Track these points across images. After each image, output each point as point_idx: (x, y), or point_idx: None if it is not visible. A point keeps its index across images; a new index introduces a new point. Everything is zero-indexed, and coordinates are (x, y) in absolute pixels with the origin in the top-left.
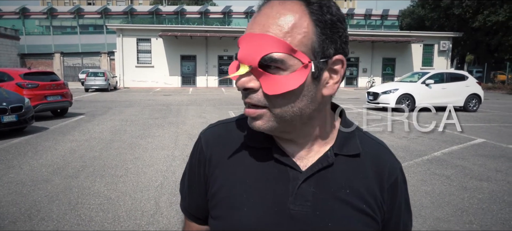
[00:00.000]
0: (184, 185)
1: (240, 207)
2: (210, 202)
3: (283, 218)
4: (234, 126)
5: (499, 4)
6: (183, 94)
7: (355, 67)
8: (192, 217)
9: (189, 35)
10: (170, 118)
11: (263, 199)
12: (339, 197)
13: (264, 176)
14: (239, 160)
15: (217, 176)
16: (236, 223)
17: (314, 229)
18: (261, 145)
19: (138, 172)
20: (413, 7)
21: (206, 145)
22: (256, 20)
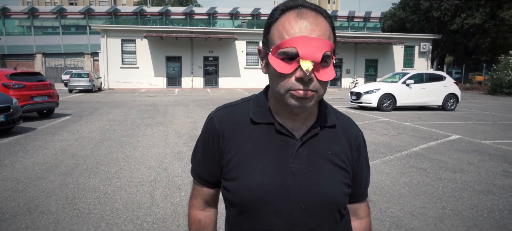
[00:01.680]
0: (197, 157)
1: (253, 169)
2: (225, 168)
3: (286, 174)
4: (239, 108)
5: (475, 8)
6: (169, 95)
7: (339, 68)
8: (203, 182)
9: (174, 36)
10: (158, 118)
11: (270, 161)
12: (324, 157)
13: (269, 144)
14: (248, 133)
15: (230, 148)
16: (252, 181)
17: (308, 180)
18: (265, 121)
19: (131, 168)
20: (395, 10)
21: (218, 124)
22: (307, 26)
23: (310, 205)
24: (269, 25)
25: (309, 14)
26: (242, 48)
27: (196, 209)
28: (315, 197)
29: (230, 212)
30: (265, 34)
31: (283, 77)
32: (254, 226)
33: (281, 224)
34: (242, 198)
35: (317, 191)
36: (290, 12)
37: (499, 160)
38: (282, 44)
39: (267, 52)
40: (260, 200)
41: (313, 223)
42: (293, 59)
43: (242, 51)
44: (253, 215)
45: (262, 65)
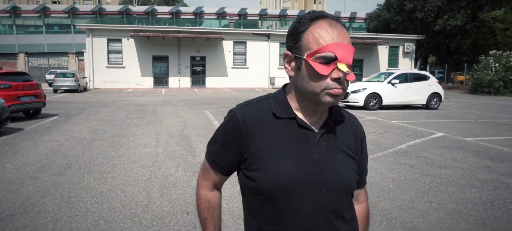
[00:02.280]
0: (215, 146)
1: (279, 159)
2: (249, 160)
3: (309, 163)
4: (260, 105)
5: (457, 10)
6: (156, 95)
7: None
8: (218, 168)
9: (161, 36)
10: (147, 118)
11: (294, 152)
12: (338, 147)
13: (292, 137)
14: (272, 127)
15: (255, 141)
16: (279, 170)
17: (328, 168)
18: (287, 116)
19: (125, 168)
20: (379, 11)
21: (242, 120)
22: (338, 34)
23: (330, 189)
24: (300, 33)
25: (337, 24)
26: (229, 48)
27: (206, 190)
28: (334, 183)
29: (253, 201)
30: (296, 40)
31: (320, 78)
32: (281, 210)
33: (306, 207)
34: (269, 185)
35: (335, 177)
36: (320, 21)
37: (481, 156)
38: (320, 49)
39: (299, 56)
40: (287, 187)
41: (333, 205)
42: (330, 62)
43: (229, 51)
44: (279, 200)
45: (288, 67)
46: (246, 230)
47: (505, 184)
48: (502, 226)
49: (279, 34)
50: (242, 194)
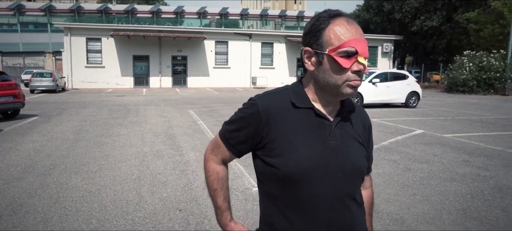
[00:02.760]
0: (231, 128)
1: (298, 146)
2: (268, 146)
3: (326, 149)
4: (279, 95)
5: (433, 11)
6: (138, 95)
7: None
8: (230, 147)
9: (142, 35)
10: (130, 118)
11: (312, 139)
12: (351, 135)
13: (310, 125)
14: (291, 116)
15: (275, 129)
16: (298, 156)
17: (343, 154)
18: (305, 106)
19: (112, 167)
20: (359, 11)
21: (263, 108)
22: (356, 31)
23: (345, 174)
24: (320, 30)
25: (353, 22)
26: (211, 48)
27: (214, 163)
28: (348, 168)
29: (272, 186)
30: (317, 37)
31: (342, 71)
32: (300, 194)
33: (324, 190)
34: (290, 171)
35: (350, 163)
36: (339, 19)
37: (459, 151)
38: (342, 45)
39: (320, 52)
40: (306, 172)
41: (348, 188)
42: (351, 56)
43: (211, 50)
44: (298, 184)
45: (308, 63)
46: (263, 214)
47: (482, 177)
48: (482, 216)
49: (260, 34)
50: (258, 180)
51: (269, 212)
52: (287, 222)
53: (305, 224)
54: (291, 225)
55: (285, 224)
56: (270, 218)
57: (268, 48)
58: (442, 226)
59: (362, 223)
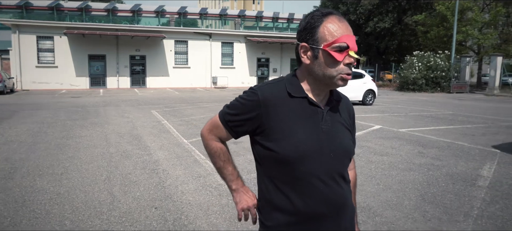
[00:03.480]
0: (233, 112)
1: (296, 130)
2: (266, 132)
3: (319, 133)
4: (276, 86)
5: (385, 13)
6: (95, 96)
7: (266, 67)
8: (230, 129)
9: (97, 34)
10: (90, 119)
11: (307, 125)
12: (339, 121)
13: (305, 112)
14: (288, 104)
15: (274, 116)
16: (296, 140)
17: (334, 137)
18: (300, 95)
19: (79, 169)
20: None
21: (263, 98)
22: (346, 27)
23: (336, 154)
24: (315, 27)
25: (343, 19)
26: (170, 47)
27: (215, 141)
28: (339, 149)
29: (272, 167)
30: (312, 34)
31: (336, 63)
32: (297, 173)
33: (318, 169)
34: (288, 153)
35: (340, 145)
36: (331, 17)
37: (414, 144)
38: (335, 40)
39: (316, 47)
40: (303, 153)
41: (338, 167)
42: (343, 50)
43: (170, 50)
44: (296, 165)
45: (304, 57)
46: (262, 193)
47: (436, 166)
48: (438, 200)
49: (220, 33)
50: (257, 163)
51: (268, 190)
52: (285, 197)
53: (301, 199)
54: (288, 200)
55: (283, 200)
56: (269, 195)
57: (228, 47)
58: (404, 210)
59: (350, 198)
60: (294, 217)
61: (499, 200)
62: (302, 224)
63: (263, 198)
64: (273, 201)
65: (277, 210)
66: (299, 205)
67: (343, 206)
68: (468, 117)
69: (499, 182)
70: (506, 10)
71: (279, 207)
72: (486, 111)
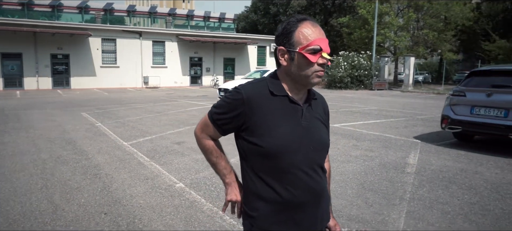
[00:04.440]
0: (220, 111)
1: (279, 126)
2: (251, 128)
3: (300, 128)
4: (258, 85)
5: (312, 15)
6: (11, 98)
7: (199, 67)
8: (218, 127)
9: (11, 30)
10: (11, 124)
11: (289, 121)
12: (316, 117)
13: (286, 109)
14: (270, 102)
15: (257, 113)
16: (279, 134)
17: (313, 132)
18: (282, 94)
19: (8, 179)
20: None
21: (247, 96)
22: (319, 32)
23: (315, 147)
24: (291, 32)
25: (316, 24)
26: (97, 46)
27: (207, 139)
28: (317, 142)
29: (257, 160)
30: (289, 38)
31: (311, 64)
32: (281, 165)
33: (300, 160)
34: (272, 147)
35: (319, 138)
36: (305, 23)
37: (348, 138)
38: (310, 44)
39: (292, 50)
40: (286, 146)
41: (318, 159)
42: (316, 52)
43: (97, 48)
44: (279, 157)
45: (282, 59)
46: (247, 185)
47: (370, 157)
48: (376, 187)
49: (151, 32)
50: (242, 158)
51: (253, 182)
52: (270, 188)
53: (285, 189)
54: (273, 190)
55: (268, 190)
56: (254, 187)
57: (160, 46)
58: (348, 199)
59: (326, 187)
60: (279, 206)
61: (425, 184)
62: (285, 212)
63: (248, 191)
64: (258, 192)
65: (262, 200)
66: (283, 194)
67: (322, 194)
68: (390, 111)
69: (423, 168)
70: (416, 15)
71: (264, 198)
72: (404, 106)
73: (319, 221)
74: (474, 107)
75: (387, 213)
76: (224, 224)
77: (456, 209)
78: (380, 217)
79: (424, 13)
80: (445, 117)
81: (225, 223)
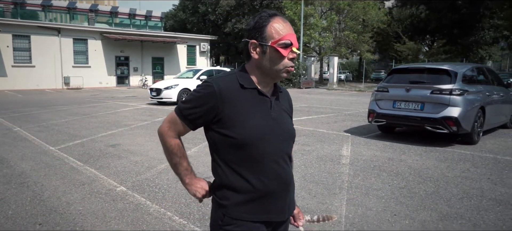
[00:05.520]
0: (189, 105)
1: (250, 118)
2: (223, 120)
3: (269, 119)
4: (228, 79)
5: (242, 15)
6: None
7: (126, 66)
8: (188, 122)
9: None
10: None
11: (259, 113)
12: (283, 109)
13: (256, 101)
14: (241, 95)
15: (229, 105)
16: (251, 125)
17: (281, 122)
18: (251, 86)
19: None
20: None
21: (218, 89)
22: (289, 27)
23: (284, 137)
24: (263, 26)
25: (286, 20)
26: (7, 43)
27: (173, 138)
28: (286, 133)
29: (229, 152)
30: (261, 32)
31: (282, 58)
32: (253, 154)
33: (271, 150)
34: (244, 137)
35: (287, 129)
36: (276, 18)
37: None
38: (281, 38)
39: (264, 44)
40: (257, 137)
41: (286, 148)
42: (287, 47)
43: (7, 46)
44: (252, 147)
45: (254, 52)
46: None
47: (307, 151)
48: (317, 179)
49: (72, 29)
50: (213, 151)
51: (225, 173)
52: (242, 178)
53: (257, 178)
54: (245, 180)
55: (240, 180)
56: (226, 177)
57: (82, 45)
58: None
59: (292, 175)
60: (251, 195)
61: (359, 173)
62: (257, 201)
63: (220, 182)
64: (230, 183)
65: (234, 190)
66: (256, 184)
67: (290, 182)
68: (320, 108)
69: (356, 159)
70: (338, 18)
71: (236, 188)
72: (331, 103)
73: (287, 209)
74: (395, 101)
75: (330, 202)
76: (174, 225)
77: (388, 194)
78: (324, 206)
79: (345, 16)
80: (371, 112)
81: (174, 223)
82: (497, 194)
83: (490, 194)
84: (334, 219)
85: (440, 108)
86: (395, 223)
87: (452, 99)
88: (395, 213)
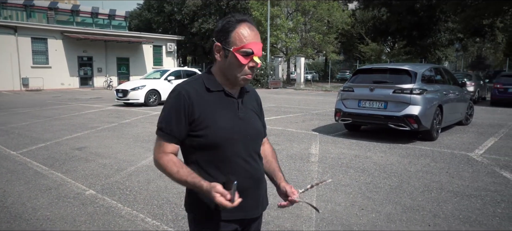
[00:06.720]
0: (170, 120)
1: (218, 119)
2: (195, 123)
3: (237, 119)
4: (194, 83)
5: (208, 15)
6: None
7: (90, 67)
8: (172, 139)
9: None
10: None
11: (227, 114)
12: (250, 109)
13: (223, 103)
14: (208, 97)
15: (197, 108)
16: (220, 126)
17: (249, 122)
18: (217, 89)
19: None
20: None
21: (187, 95)
22: (255, 35)
23: (252, 136)
24: (229, 31)
25: (253, 27)
26: None
27: (165, 156)
28: (254, 132)
29: (200, 154)
30: (225, 37)
31: (242, 66)
32: (224, 154)
33: (240, 149)
34: (214, 138)
35: (254, 128)
36: (243, 24)
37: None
38: (244, 46)
39: (227, 49)
40: (226, 137)
41: (255, 147)
42: (249, 55)
43: None
44: (222, 147)
45: (218, 55)
46: None
47: (278, 150)
48: (287, 177)
49: (30, 28)
50: (184, 153)
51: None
52: (212, 178)
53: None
54: (215, 180)
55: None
56: None
57: (41, 44)
58: None
59: (264, 172)
60: None
61: (328, 170)
62: None
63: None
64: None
65: None
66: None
67: (261, 179)
68: (288, 108)
69: (324, 157)
70: (304, 19)
71: None
72: (299, 102)
73: (260, 204)
74: (360, 100)
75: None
76: (147, 226)
77: (355, 189)
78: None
79: (311, 17)
80: (338, 111)
81: (147, 225)
82: (454, 186)
83: (448, 186)
84: (328, 181)
85: (402, 107)
86: (363, 217)
87: (412, 98)
88: (363, 207)
